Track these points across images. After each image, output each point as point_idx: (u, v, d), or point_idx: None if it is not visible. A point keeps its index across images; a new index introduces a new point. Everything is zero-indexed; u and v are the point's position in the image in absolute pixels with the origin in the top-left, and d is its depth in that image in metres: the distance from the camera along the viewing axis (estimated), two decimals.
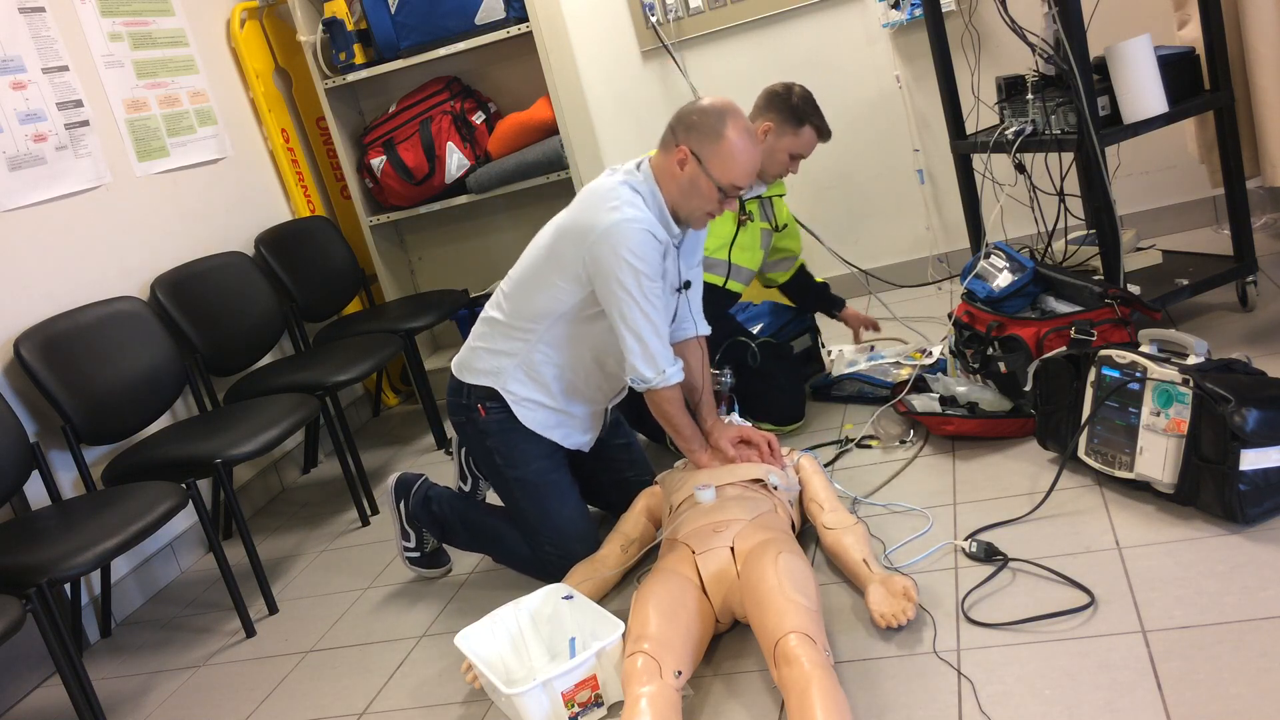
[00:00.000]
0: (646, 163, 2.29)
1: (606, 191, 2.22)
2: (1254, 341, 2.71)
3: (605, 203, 2.19)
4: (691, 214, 2.26)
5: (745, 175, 2.20)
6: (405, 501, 2.62)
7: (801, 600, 1.81)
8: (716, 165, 2.18)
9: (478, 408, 2.40)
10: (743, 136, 2.18)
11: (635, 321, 2.20)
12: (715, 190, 2.20)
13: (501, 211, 4.22)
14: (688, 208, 2.25)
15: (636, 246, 2.15)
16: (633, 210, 2.17)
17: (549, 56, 3.74)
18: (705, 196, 2.21)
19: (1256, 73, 2.78)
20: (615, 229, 2.15)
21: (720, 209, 2.24)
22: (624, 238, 2.15)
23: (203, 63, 3.75)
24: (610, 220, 2.16)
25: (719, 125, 2.17)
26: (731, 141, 2.17)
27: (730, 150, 2.17)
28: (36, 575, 2.19)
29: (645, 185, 2.25)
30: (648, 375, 2.26)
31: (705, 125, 2.18)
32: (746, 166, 2.20)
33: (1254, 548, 1.88)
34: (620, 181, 2.23)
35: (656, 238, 2.19)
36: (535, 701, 1.84)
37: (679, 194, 2.24)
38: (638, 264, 2.15)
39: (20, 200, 2.90)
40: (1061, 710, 1.62)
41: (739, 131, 2.18)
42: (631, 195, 2.20)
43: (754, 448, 2.41)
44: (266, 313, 3.55)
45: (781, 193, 3.10)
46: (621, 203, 2.18)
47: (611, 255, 2.16)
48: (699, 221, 2.28)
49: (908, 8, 3.67)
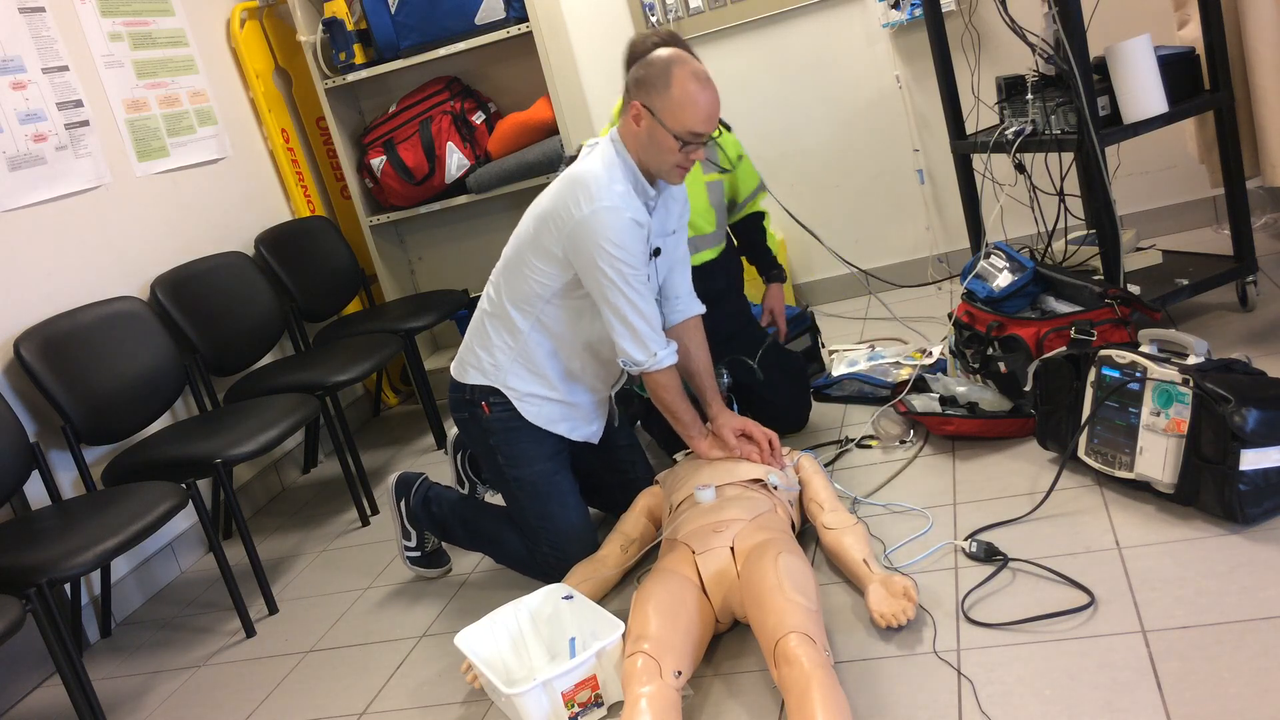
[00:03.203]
0: (615, 131, 2.27)
1: (585, 178, 2.20)
2: (1254, 341, 2.71)
3: (584, 190, 2.18)
4: (660, 169, 2.23)
5: (701, 120, 2.16)
6: (406, 501, 2.62)
7: (801, 600, 1.81)
8: (669, 115, 2.14)
9: (481, 405, 2.40)
10: (692, 80, 2.14)
11: (620, 306, 2.21)
12: (674, 141, 2.16)
13: (501, 211, 4.22)
14: (655, 164, 2.22)
15: (616, 235, 2.15)
16: (612, 197, 2.16)
17: (549, 56, 3.74)
18: (666, 148, 2.18)
19: (1256, 73, 2.78)
20: (594, 218, 2.15)
21: (687, 159, 2.20)
22: (603, 227, 2.14)
23: (203, 63, 3.75)
24: (589, 209, 2.15)
25: (665, 74, 2.14)
26: (681, 88, 2.13)
27: (681, 97, 2.13)
28: (36, 575, 2.19)
29: (617, 156, 2.23)
30: (638, 358, 2.26)
31: (652, 76, 2.16)
32: (701, 111, 2.15)
33: (1254, 548, 1.88)
34: (599, 162, 2.22)
35: (638, 222, 2.18)
36: (535, 701, 1.84)
37: (642, 151, 2.21)
38: (617, 253, 2.15)
39: (20, 200, 2.90)
40: (1061, 710, 1.62)
41: (687, 76, 2.14)
42: (610, 179, 2.19)
43: (754, 443, 2.41)
44: (266, 313, 3.55)
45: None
46: (600, 189, 2.16)
47: (591, 244, 2.16)
48: (672, 175, 2.24)
49: (908, 8, 3.67)
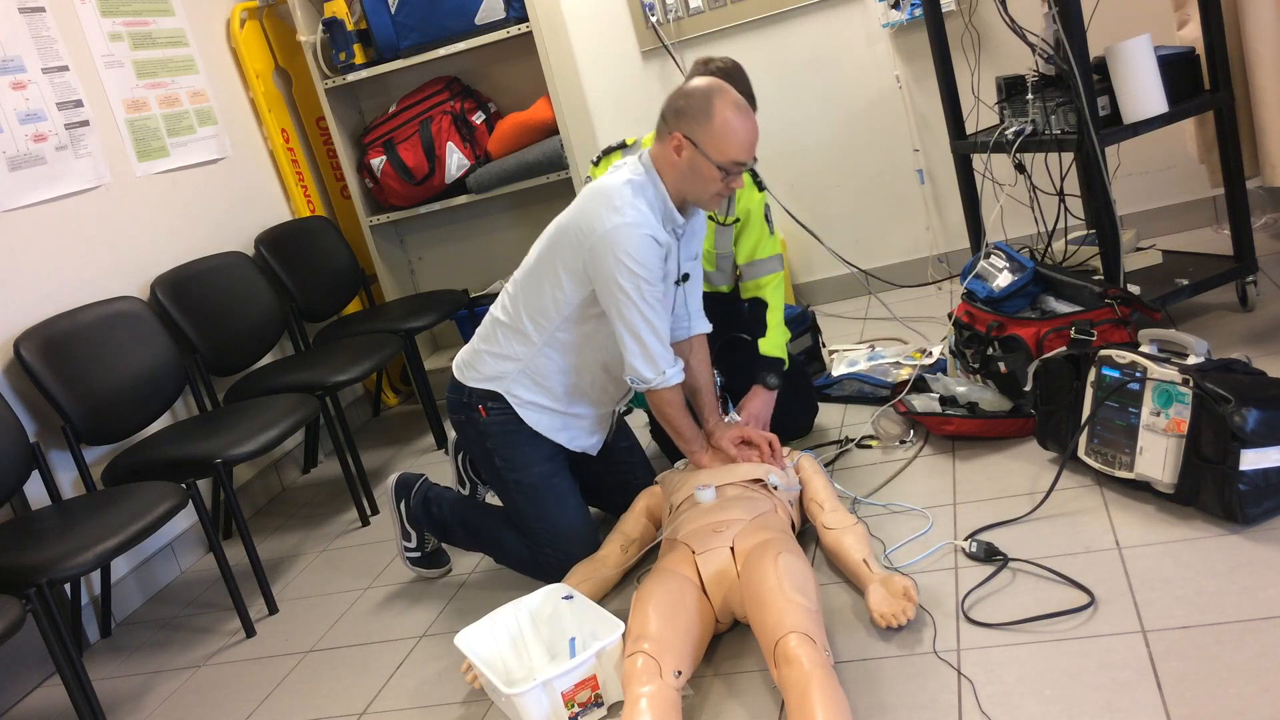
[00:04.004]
0: (646, 154, 2.29)
1: (609, 192, 2.21)
2: (1254, 341, 2.71)
3: (607, 204, 2.19)
4: (700, 198, 2.26)
5: (743, 149, 2.19)
6: (406, 501, 2.62)
7: (801, 600, 1.81)
8: (712, 145, 2.17)
9: (478, 408, 2.40)
10: (733, 111, 2.17)
11: (634, 323, 2.21)
12: (716, 170, 2.19)
13: (501, 211, 4.22)
14: (694, 193, 2.25)
15: (635, 251, 2.15)
16: (634, 213, 2.17)
17: (549, 56, 3.73)
18: (708, 178, 2.21)
19: (1256, 73, 2.78)
20: (615, 232, 2.15)
21: (727, 188, 2.23)
22: (623, 241, 2.15)
23: (203, 63, 3.75)
24: (611, 223, 2.16)
25: (707, 105, 2.17)
26: (723, 118, 2.16)
27: (723, 128, 2.16)
28: (36, 575, 2.19)
29: (648, 180, 2.25)
30: (648, 376, 2.26)
31: (694, 107, 2.18)
32: (743, 140, 2.18)
33: (1254, 548, 1.88)
34: (624, 180, 2.23)
35: (657, 240, 2.19)
36: (535, 701, 1.84)
37: (682, 181, 2.24)
38: (636, 268, 2.16)
39: (20, 200, 2.90)
40: (1061, 710, 1.62)
41: (729, 106, 2.17)
42: (634, 195, 2.20)
43: (755, 448, 2.42)
44: (266, 313, 3.55)
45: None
46: (623, 204, 2.18)
47: (611, 259, 2.16)
48: (710, 203, 2.28)
49: (908, 8, 3.67)
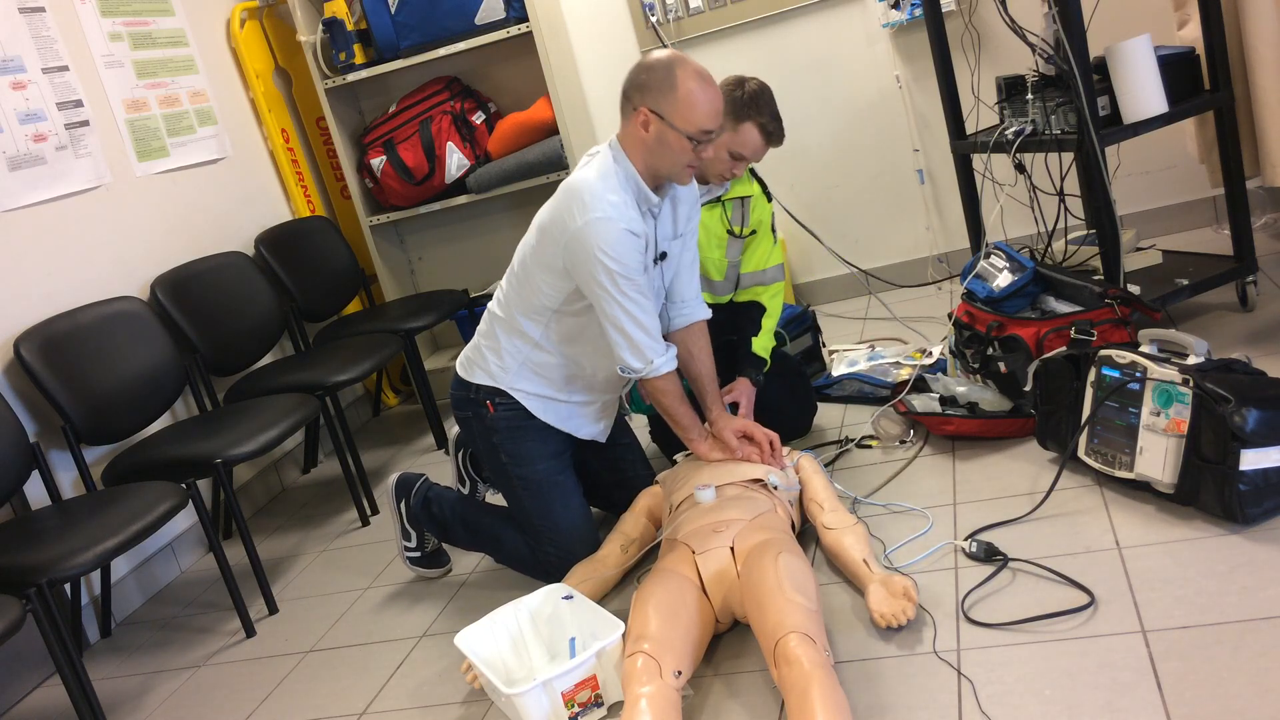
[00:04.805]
0: (615, 139, 2.27)
1: (579, 188, 2.20)
2: (1254, 341, 2.71)
3: (578, 201, 2.18)
4: (672, 171, 2.24)
5: (709, 117, 2.18)
6: (406, 501, 2.62)
7: (801, 600, 1.81)
8: (679, 116, 2.16)
9: (485, 404, 2.40)
10: (696, 79, 2.16)
11: (616, 316, 2.21)
12: (686, 141, 2.18)
13: (502, 211, 4.21)
14: (665, 167, 2.23)
15: (608, 246, 2.14)
16: (605, 207, 2.16)
17: (549, 56, 3.73)
18: (678, 150, 2.19)
19: (1256, 73, 2.78)
20: (587, 229, 2.15)
21: (698, 157, 2.22)
22: (596, 237, 2.14)
23: (203, 63, 3.75)
24: (582, 220, 2.15)
25: (670, 76, 2.16)
26: (687, 88, 2.15)
27: (688, 97, 2.15)
28: (36, 575, 2.19)
29: (616, 165, 2.23)
30: (635, 366, 2.27)
31: (657, 80, 2.17)
32: (709, 108, 2.17)
33: (1254, 548, 1.88)
34: (595, 172, 2.22)
35: (634, 232, 2.18)
36: (535, 701, 1.84)
37: (651, 157, 2.22)
38: (610, 264, 2.15)
39: (20, 200, 2.90)
40: (1061, 710, 1.62)
41: (691, 76, 2.16)
42: (605, 188, 2.19)
43: (755, 444, 2.41)
44: (266, 313, 3.55)
45: (748, 194, 2.76)
46: (593, 199, 2.16)
47: (585, 255, 2.16)
48: (683, 176, 2.26)
49: (908, 8, 3.67)
